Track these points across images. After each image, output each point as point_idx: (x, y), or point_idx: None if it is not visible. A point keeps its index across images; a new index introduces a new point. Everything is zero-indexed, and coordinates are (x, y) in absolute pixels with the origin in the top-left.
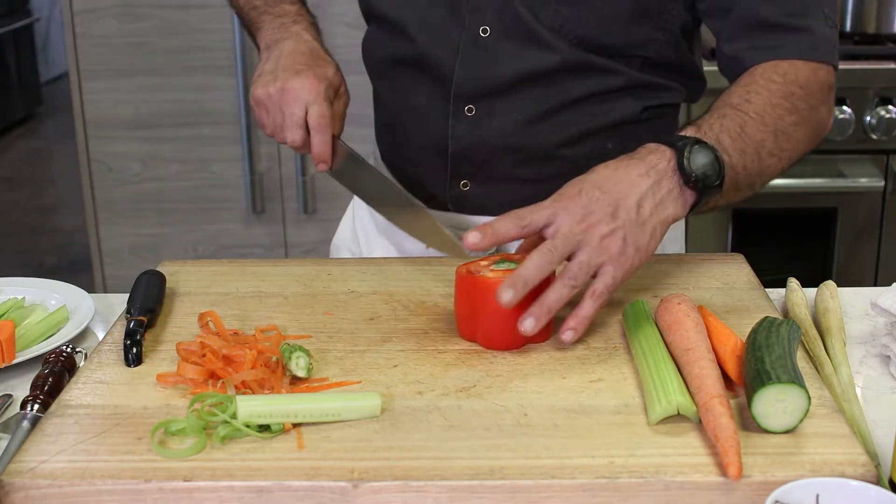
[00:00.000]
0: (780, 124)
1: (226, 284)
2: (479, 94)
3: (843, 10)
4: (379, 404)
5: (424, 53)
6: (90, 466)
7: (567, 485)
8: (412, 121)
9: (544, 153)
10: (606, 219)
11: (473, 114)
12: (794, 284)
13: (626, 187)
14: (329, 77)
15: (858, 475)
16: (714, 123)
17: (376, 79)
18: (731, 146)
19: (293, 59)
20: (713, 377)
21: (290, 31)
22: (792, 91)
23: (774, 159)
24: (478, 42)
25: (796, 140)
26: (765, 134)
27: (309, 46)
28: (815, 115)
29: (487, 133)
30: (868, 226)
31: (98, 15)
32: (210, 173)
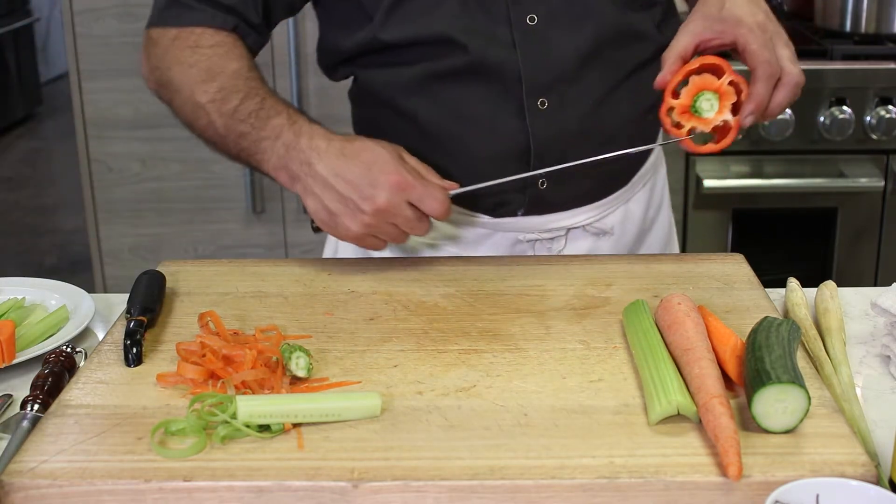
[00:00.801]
0: None
1: (226, 284)
2: (549, 84)
3: (843, 10)
4: (379, 404)
5: (479, 58)
6: (90, 466)
7: (567, 485)
8: (472, 131)
9: (611, 134)
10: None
11: (546, 106)
12: (794, 284)
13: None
14: (385, 146)
15: (858, 475)
16: None
17: (403, 99)
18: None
19: (348, 171)
20: (713, 377)
21: (302, 150)
22: None
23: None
24: (529, 32)
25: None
26: None
27: (334, 146)
28: None
29: (565, 122)
30: (868, 226)
31: (98, 15)
32: (210, 173)
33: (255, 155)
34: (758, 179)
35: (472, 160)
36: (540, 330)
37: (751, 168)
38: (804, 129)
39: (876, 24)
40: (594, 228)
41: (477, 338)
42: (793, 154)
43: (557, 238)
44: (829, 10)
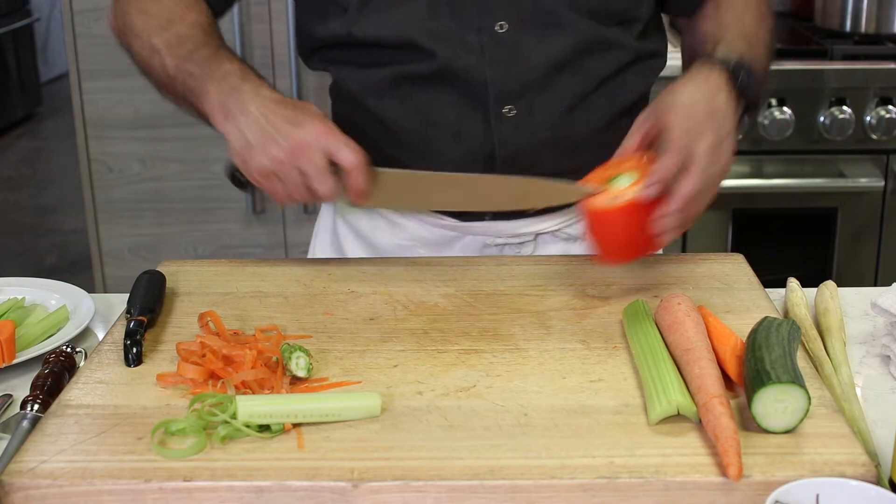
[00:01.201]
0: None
1: (226, 284)
2: (516, 91)
3: (843, 10)
4: (379, 404)
5: (446, 65)
6: (90, 466)
7: (567, 485)
8: (439, 137)
9: (582, 141)
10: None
11: (514, 114)
12: (794, 284)
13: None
14: (320, 113)
15: (858, 475)
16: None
17: (374, 100)
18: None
19: (275, 116)
20: (713, 377)
21: (243, 92)
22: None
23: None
24: (499, 39)
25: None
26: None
27: (275, 97)
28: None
29: (533, 130)
30: (868, 226)
31: (98, 15)
32: (210, 173)
33: (199, 94)
34: (758, 179)
35: (439, 164)
36: (540, 330)
37: (751, 168)
38: (804, 129)
39: (876, 24)
40: (564, 234)
41: (477, 338)
42: (793, 154)
43: (527, 243)
44: (829, 10)
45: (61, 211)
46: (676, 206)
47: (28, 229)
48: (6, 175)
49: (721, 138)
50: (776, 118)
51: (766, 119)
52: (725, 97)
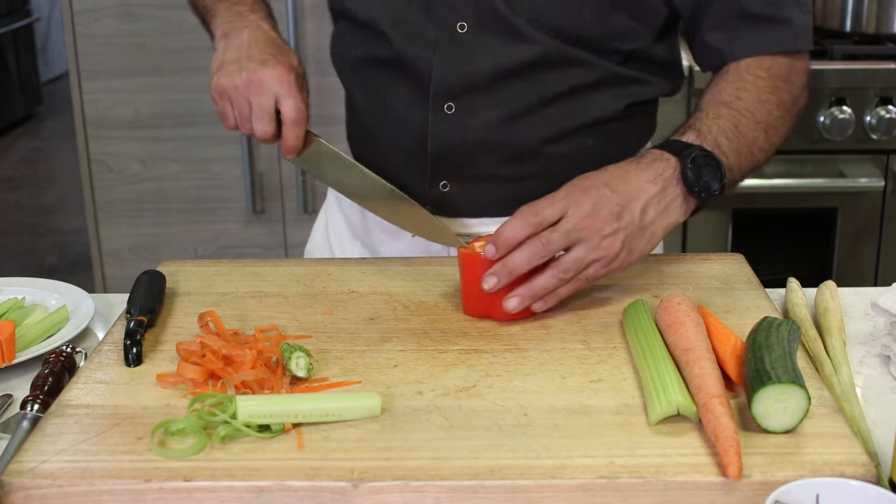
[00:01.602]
0: (770, 119)
1: (226, 284)
2: (458, 90)
3: (843, 10)
4: (379, 404)
5: (400, 53)
6: (90, 466)
7: (567, 485)
8: (389, 122)
9: (526, 150)
10: (612, 219)
11: (454, 111)
12: (794, 284)
13: (634, 190)
14: (295, 66)
15: (858, 475)
16: (712, 126)
17: (348, 80)
18: (728, 148)
19: (256, 49)
20: (713, 377)
21: (247, 20)
22: (777, 85)
23: (764, 154)
24: (455, 38)
25: (782, 132)
26: (757, 132)
27: (268, 35)
28: (797, 104)
29: (468, 130)
30: (868, 226)
31: (98, 15)
32: (210, 173)
33: (213, 14)
34: (758, 179)
35: (388, 150)
36: (540, 330)
37: None
38: (804, 129)
39: (876, 24)
40: None
41: (477, 338)
42: (793, 154)
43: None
44: (829, 10)
45: (61, 211)
46: (501, 269)
47: (28, 229)
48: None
49: (599, 228)
50: None
51: None
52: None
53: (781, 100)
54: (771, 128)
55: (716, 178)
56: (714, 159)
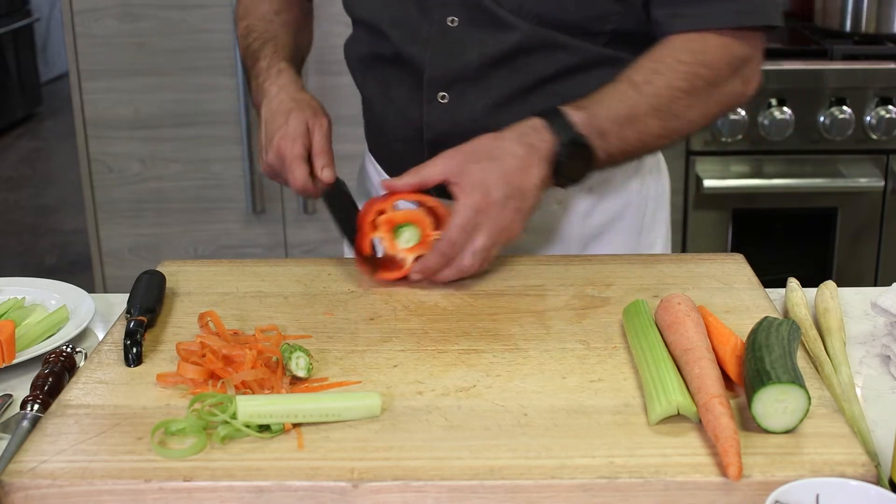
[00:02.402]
0: (674, 108)
1: (226, 284)
2: (449, 80)
3: (843, 10)
4: (379, 404)
5: (399, 50)
6: (90, 466)
7: (567, 485)
8: (392, 112)
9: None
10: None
11: (447, 101)
12: (794, 284)
13: (509, 159)
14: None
15: (858, 475)
16: (604, 106)
17: (359, 76)
18: (613, 132)
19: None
20: (713, 377)
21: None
22: (696, 73)
23: (659, 140)
24: (446, 33)
25: (687, 120)
26: (654, 119)
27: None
28: (719, 92)
29: (460, 118)
30: (868, 226)
31: (98, 15)
32: (210, 173)
33: (251, 85)
34: (758, 179)
35: (393, 139)
36: (540, 330)
37: (751, 168)
38: (804, 129)
39: (876, 24)
40: None
41: (477, 338)
42: (793, 154)
43: None
44: (829, 10)
45: (61, 211)
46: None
47: (28, 229)
48: (6, 175)
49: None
50: (776, 118)
51: (766, 119)
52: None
53: (695, 87)
54: (673, 117)
55: (585, 169)
56: (587, 153)
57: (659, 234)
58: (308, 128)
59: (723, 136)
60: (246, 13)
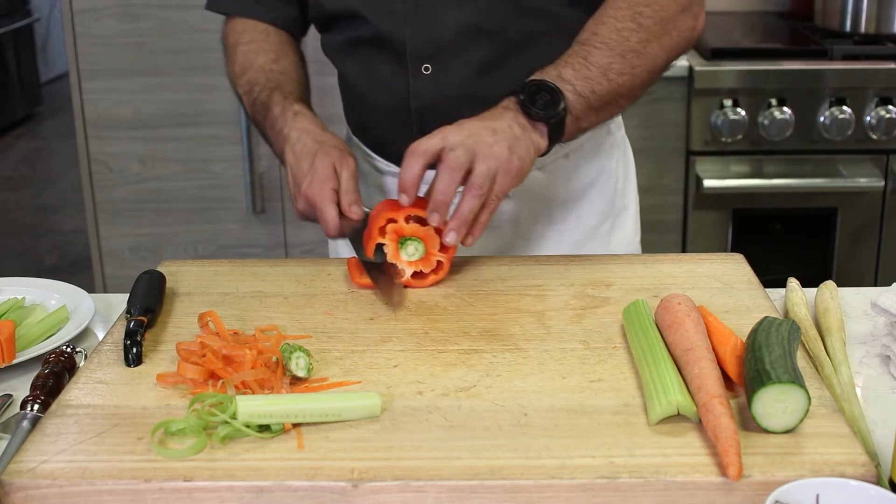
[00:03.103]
0: (627, 45)
1: (226, 284)
2: (431, 52)
3: (843, 10)
4: (379, 404)
5: (378, 29)
6: (90, 466)
7: (567, 485)
8: (377, 89)
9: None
10: (488, 133)
11: (430, 72)
12: (794, 284)
13: (491, 118)
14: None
15: (858, 475)
16: (559, 63)
17: (340, 61)
18: (574, 76)
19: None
20: (713, 377)
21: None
22: (639, 11)
23: (626, 77)
24: (420, 6)
25: (649, 55)
26: (611, 58)
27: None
28: (671, 27)
29: (445, 87)
30: (868, 226)
31: (98, 15)
32: (210, 173)
33: (266, 139)
34: (758, 179)
35: (377, 115)
36: (540, 330)
37: (751, 168)
38: (804, 129)
39: (876, 24)
40: None
41: (477, 338)
42: (793, 154)
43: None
44: (829, 10)
45: (61, 211)
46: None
47: (28, 229)
48: (6, 175)
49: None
50: (776, 118)
51: (766, 119)
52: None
53: (641, 24)
54: (630, 52)
55: (553, 102)
56: (547, 86)
57: (631, 198)
58: (335, 169)
59: (723, 136)
60: (243, 70)
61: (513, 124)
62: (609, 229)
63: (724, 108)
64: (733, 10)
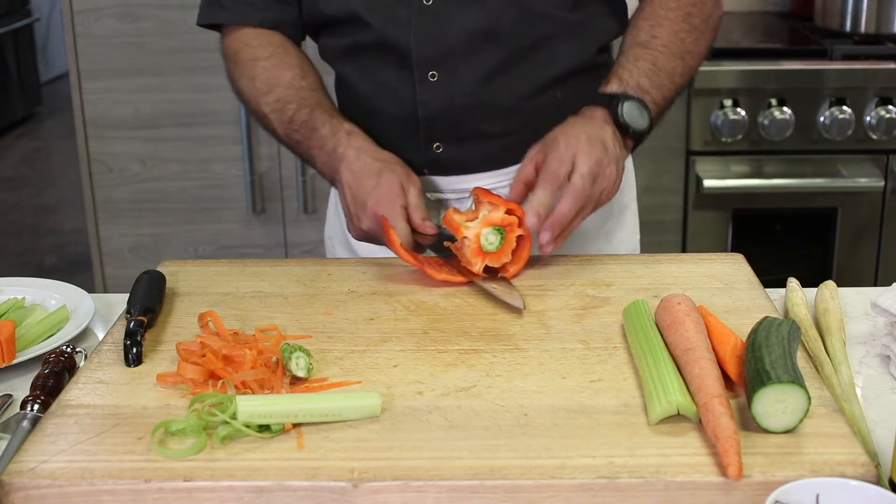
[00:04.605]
0: (685, 46)
1: (226, 284)
2: (437, 59)
3: (843, 10)
4: (379, 404)
5: (380, 35)
6: (90, 466)
7: (567, 485)
8: (381, 96)
9: (508, 107)
10: (603, 152)
11: (437, 79)
12: (794, 284)
13: (598, 132)
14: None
15: (858, 475)
16: (632, 69)
17: (340, 66)
18: (649, 86)
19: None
20: (713, 377)
21: (340, 159)
22: (689, 12)
23: (685, 77)
24: (425, 12)
25: (699, 53)
26: (674, 62)
27: (359, 158)
28: (711, 22)
29: (452, 94)
30: (868, 226)
31: (98, 15)
32: (210, 173)
33: (308, 158)
34: (758, 179)
35: (381, 120)
36: (540, 330)
37: (751, 168)
38: (804, 129)
39: (876, 24)
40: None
41: (477, 338)
42: (793, 154)
43: (463, 199)
44: (829, 10)
45: (61, 211)
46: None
47: (28, 229)
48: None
49: (603, 163)
50: (776, 118)
51: (766, 119)
52: (610, 131)
53: (693, 25)
54: (687, 53)
55: (643, 117)
56: (637, 101)
57: (630, 198)
58: (402, 187)
59: (723, 136)
60: (269, 87)
61: (616, 142)
62: (609, 229)
63: (724, 107)
64: (733, 10)
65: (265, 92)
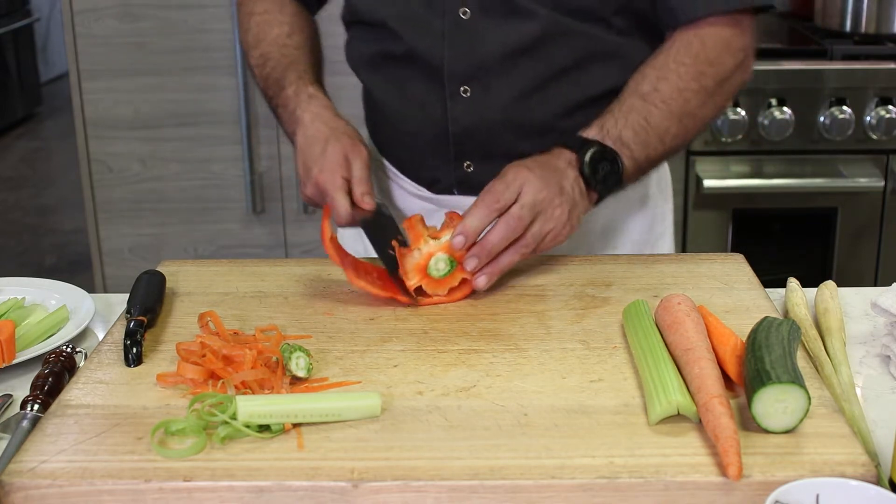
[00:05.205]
0: (687, 108)
1: (226, 284)
2: (471, 74)
3: (843, 10)
4: (379, 404)
5: (411, 46)
6: (90, 466)
7: (567, 485)
8: (410, 110)
9: (541, 126)
10: (558, 192)
11: (469, 94)
12: (794, 284)
13: (560, 172)
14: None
15: (858, 475)
16: (619, 120)
17: (366, 75)
18: (633, 141)
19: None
20: (713, 377)
21: (299, 122)
22: (702, 71)
23: (679, 140)
24: (460, 25)
25: (702, 117)
26: (670, 121)
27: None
28: (727, 86)
29: (485, 111)
30: (868, 226)
31: (98, 15)
32: (210, 173)
33: (277, 115)
34: (758, 179)
35: (409, 135)
36: (540, 330)
37: (751, 168)
38: (804, 129)
39: (876, 24)
40: None
41: (477, 338)
42: (793, 154)
43: None
44: (829, 10)
45: (61, 211)
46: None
47: (28, 229)
48: (6, 175)
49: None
50: (776, 118)
51: (766, 119)
52: (573, 176)
53: (704, 86)
54: (687, 116)
55: (612, 173)
56: (608, 155)
57: (668, 223)
58: (346, 158)
59: (723, 136)
60: (257, 41)
61: (575, 187)
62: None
63: None
64: None
65: (253, 46)
